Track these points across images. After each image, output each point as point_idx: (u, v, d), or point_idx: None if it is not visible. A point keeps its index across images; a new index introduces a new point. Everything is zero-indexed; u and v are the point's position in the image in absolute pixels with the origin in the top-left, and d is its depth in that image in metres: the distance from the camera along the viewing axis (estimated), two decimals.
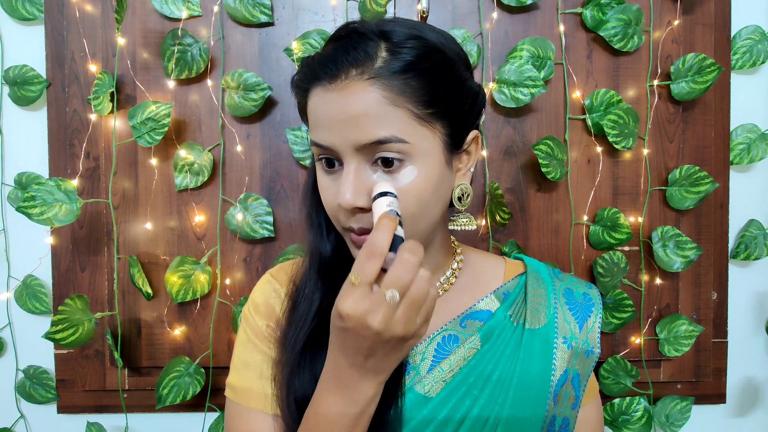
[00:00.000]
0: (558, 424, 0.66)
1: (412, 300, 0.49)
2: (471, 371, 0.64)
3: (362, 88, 0.54)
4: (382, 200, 0.54)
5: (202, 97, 1.07)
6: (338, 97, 0.55)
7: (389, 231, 0.49)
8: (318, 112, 0.57)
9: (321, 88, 0.57)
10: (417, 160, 0.56)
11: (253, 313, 0.70)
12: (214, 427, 1.08)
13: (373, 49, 0.56)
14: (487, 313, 0.69)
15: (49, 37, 1.07)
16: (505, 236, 1.09)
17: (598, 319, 0.71)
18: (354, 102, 0.54)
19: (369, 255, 0.49)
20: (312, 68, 0.58)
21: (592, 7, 1.05)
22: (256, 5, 1.04)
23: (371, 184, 0.56)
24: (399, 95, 0.55)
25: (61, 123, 1.08)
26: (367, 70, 0.55)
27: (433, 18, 1.07)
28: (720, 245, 1.13)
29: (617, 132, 1.04)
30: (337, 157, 0.58)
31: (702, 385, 1.14)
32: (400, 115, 0.55)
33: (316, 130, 0.58)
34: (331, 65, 0.56)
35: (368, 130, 0.54)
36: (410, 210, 0.57)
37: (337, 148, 0.56)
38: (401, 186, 0.56)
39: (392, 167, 0.56)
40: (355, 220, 0.58)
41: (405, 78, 0.55)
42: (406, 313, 0.49)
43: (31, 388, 1.11)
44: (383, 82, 0.54)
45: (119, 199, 1.07)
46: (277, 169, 1.08)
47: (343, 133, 0.55)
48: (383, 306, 0.48)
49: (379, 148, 0.55)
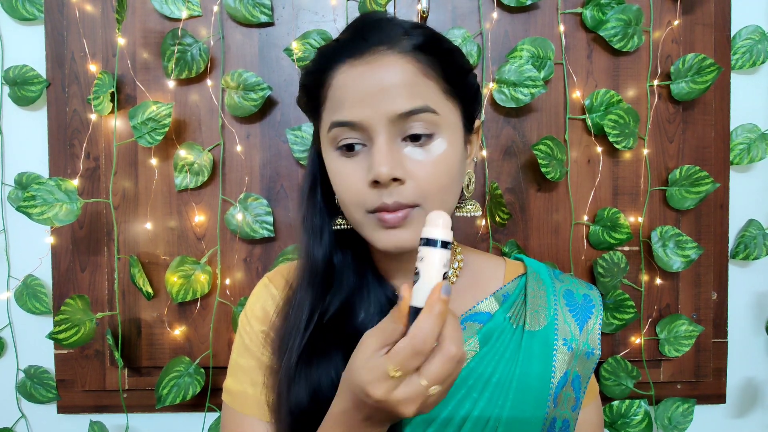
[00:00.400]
0: (558, 426, 0.66)
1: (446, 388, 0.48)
2: (470, 373, 0.64)
3: (395, 60, 0.56)
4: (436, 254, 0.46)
5: (202, 97, 1.07)
6: (370, 69, 0.56)
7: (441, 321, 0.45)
8: (348, 88, 0.56)
9: (347, 65, 0.57)
10: (445, 133, 0.58)
11: (250, 319, 0.70)
12: (214, 427, 1.09)
13: (397, 29, 0.57)
14: (487, 315, 0.69)
15: (49, 37, 1.07)
16: (505, 236, 1.09)
17: (599, 320, 0.71)
18: (388, 73, 0.55)
19: (415, 352, 0.45)
20: (335, 50, 0.58)
21: (592, 7, 1.05)
22: (256, 5, 1.04)
23: (403, 157, 0.56)
24: (429, 68, 0.57)
25: (61, 123, 1.08)
26: (395, 45, 0.56)
27: (433, 18, 1.07)
28: (720, 245, 1.13)
29: (618, 132, 1.04)
30: (364, 136, 0.57)
31: (702, 386, 1.14)
32: (431, 87, 0.57)
33: (343, 108, 0.57)
34: (359, 41, 0.57)
35: (404, 100, 0.55)
36: (441, 182, 0.57)
37: (369, 123, 0.56)
38: (433, 157, 0.57)
39: (420, 141, 0.57)
40: (389, 194, 0.56)
41: (430, 54, 0.57)
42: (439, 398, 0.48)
43: (31, 387, 1.11)
44: (413, 56, 0.56)
45: (119, 199, 1.07)
46: (277, 169, 1.08)
47: (377, 104, 0.55)
48: (421, 397, 0.46)
49: (411, 119, 0.56)
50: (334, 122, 0.58)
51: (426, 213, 0.56)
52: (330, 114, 0.58)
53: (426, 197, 0.57)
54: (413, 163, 0.56)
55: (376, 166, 0.54)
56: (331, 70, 0.58)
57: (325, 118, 0.60)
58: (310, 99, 0.62)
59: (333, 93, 0.58)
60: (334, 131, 0.58)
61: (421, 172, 0.56)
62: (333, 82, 0.58)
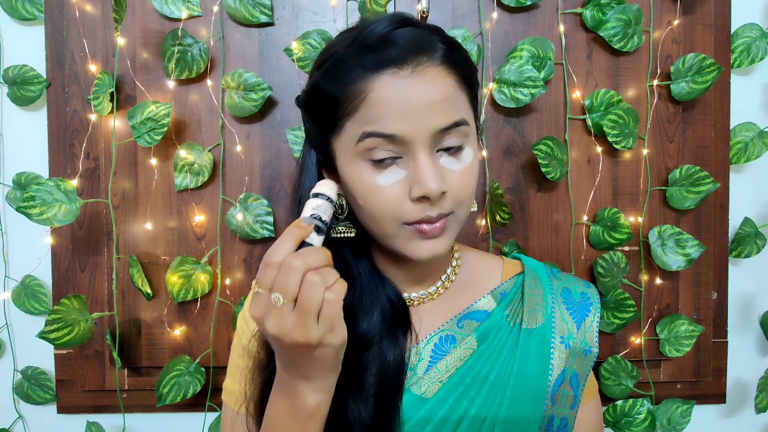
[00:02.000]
0: (556, 424, 0.66)
1: (300, 304, 0.49)
2: (468, 372, 0.64)
3: (438, 73, 0.56)
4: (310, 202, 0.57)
5: (202, 97, 1.07)
6: (415, 83, 0.54)
7: (292, 240, 0.52)
8: (391, 102, 0.54)
9: (389, 75, 0.54)
10: (471, 141, 0.59)
11: (248, 319, 0.71)
12: (214, 426, 1.08)
13: (430, 37, 0.57)
14: (484, 313, 0.69)
15: (49, 37, 1.07)
16: (505, 236, 1.09)
17: (596, 318, 0.71)
18: (433, 88, 0.55)
19: (265, 265, 0.51)
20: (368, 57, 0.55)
21: (592, 7, 1.05)
22: (256, 5, 1.04)
23: (441, 170, 0.57)
24: (461, 79, 0.58)
25: (61, 123, 1.08)
26: (434, 56, 0.56)
27: (433, 18, 1.07)
28: (720, 245, 1.13)
29: (617, 132, 1.04)
30: (400, 149, 0.56)
31: (702, 385, 1.14)
32: (463, 99, 0.58)
33: (383, 120, 0.54)
34: (397, 50, 0.54)
35: (446, 115, 0.56)
36: (472, 188, 0.59)
37: (411, 137, 0.55)
38: (465, 165, 0.58)
39: (453, 151, 0.58)
40: (432, 207, 0.57)
41: (459, 64, 0.58)
42: (298, 318, 0.50)
43: (29, 389, 1.11)
44: (448, 68, 0.57)
45: (119, 199, 1.07)
46: (277, 169, 1.08)
47: (421, 120, 0.55)
48: (273, 310, 0.50)
49: (448, 133, 0.56)
50: (369, 132, 0.55)
51: (457, 217, 0.60)
52: (362, 124, 0.55)
53: (460, 204, 0.59)
54: (449, 173, 0.57)
55: (426, 183, 0.54)
56: (365, 81, 0.55)
57: (351, 128, 0.56)
58: (328, 105, 0.58)
59: (370, 104, 0.55)
60: (367, 142, 0.55)
61: (458, 182, 0.58)
62: (370, 95, 0.54)
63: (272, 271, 0.50)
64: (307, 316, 0.50)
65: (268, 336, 0.52)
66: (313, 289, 0.49)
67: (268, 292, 0.51)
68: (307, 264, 0.50)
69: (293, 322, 0.50)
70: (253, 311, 0.51)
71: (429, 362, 0.65)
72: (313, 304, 0.49)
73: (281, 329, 0.50)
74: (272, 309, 0.50)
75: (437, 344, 0.66)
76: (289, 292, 0.49)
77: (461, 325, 0.68)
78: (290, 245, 0.52)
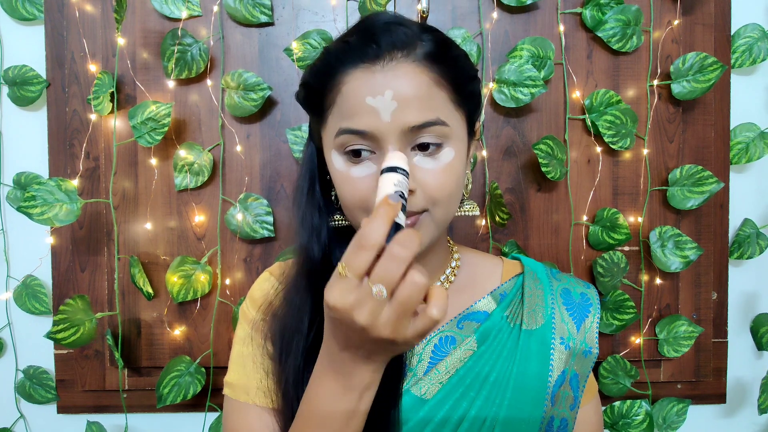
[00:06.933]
0: (556, 425, 0.66)
1: (400, 302, 0.45)
2: (468, 373, 0.65)
3: (412, 70, 0.55)
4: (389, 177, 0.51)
5: (202, 97, 1.07)
6: (387, 79, 0.54)
7: (386, 220, 0.46)
8: (361, 96, 0.55)
9: (362, 70, 0.55)
10: (453, 142, 0.58)
11: (251, 308, 0.70)
12: (215, 426, 1.09)
13: (410, 34, 0.56)
14: (484, 314, 0.69)
15: (49, 37, 1.07)
16: (505, 236, 1.09)
17: (596, 319, 0.71)
18: (405, 84, 0.54)
19: (359, 246, 0.45)
20: (345, 52, 0.56)
21: (592, 7, 1.05)
22: (256, 5, 1.04)
23: (413, 167, 0.56)
24: (442, 78, 0.57)
25: (61, 123, 1.08)
26: (411, 53, 0.56)
27: (433, 18, 1.07)
28: (720, 245, 1.13)
29: (613, 132, 1.04)
30: (373, 144, 0.56)
31: (702, 385, 1.14)
32: (442, 98, 0.57)
33: (354, 115, 0.55)
34: (371, 45, 0.55)
35: (418, 113, 0.55)
36: (449, 189, 0.58)
37: (381, 133, 0.55)
38: (442, 165, 0.57)
39: (429, 151, 0.57)
40: None
41: (443, 63, 0.57)
42: (395, 314, 0.45)
43: (30, 388, 1.11)
44: (426, 65, 0.56)
45: (119, 199, 1.07)
46: (277, 169, 1.08)
47: (392, 116, 0.54)
48: (369, 301, 0.45)
49: (423, 131, 0.55)
50: (343, 129, 0.56)
51: (434, 217, 0.58)
52: (338, 119, 0.57)
53: (434, 203, 0.58)
54: (423, 172, 0.57)
55: None
56: (341, 74, 0.56)
57: (332, 122, 0.58)
58: (313, 99, 0.60)
59: (343, 98, 0.56)
60: (342, 137, 0.57)
61: (431, 181, 0.57)
62: (343, 88, 0.56)
63: (367, 253, 0.45)
64: (403, 316, 0.46)
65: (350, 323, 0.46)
66: (415, 290, 0.45)
67: (358, 278, 0.45)
68: (412, 253, 0.45)
69: (387, 318, 0.45)
70: (337, 299, 0.45)
71: (429, 363, 0.65)
72: (413, 303, 0.45)
73: (373, 323, 0.45)
74: (368, 299, 0.45)
75: (437, 345, 0.66)
76: (392, 283, 0.45)
77: (461, 326, 0.68)
78: (385, 226, 0.45)
